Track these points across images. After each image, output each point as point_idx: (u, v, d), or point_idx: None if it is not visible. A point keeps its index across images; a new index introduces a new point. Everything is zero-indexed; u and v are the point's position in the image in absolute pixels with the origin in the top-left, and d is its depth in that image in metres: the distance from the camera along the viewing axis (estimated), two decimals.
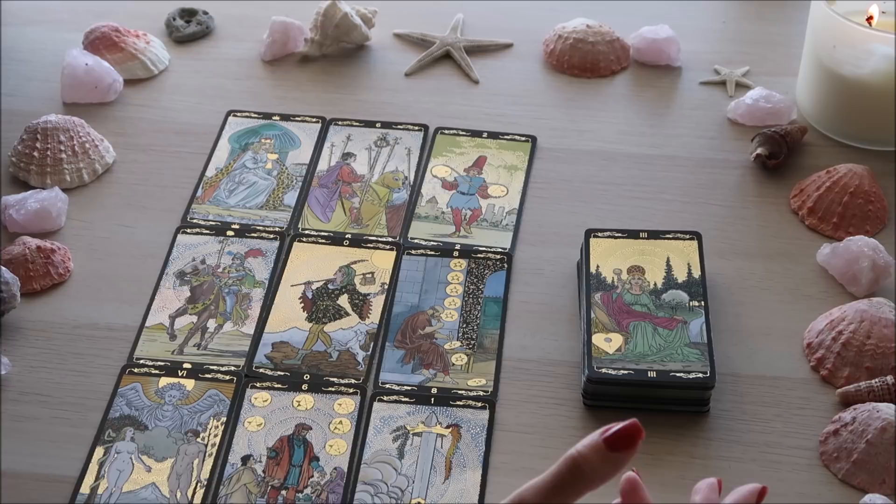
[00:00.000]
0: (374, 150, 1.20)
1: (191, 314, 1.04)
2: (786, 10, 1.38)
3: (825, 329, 1.01)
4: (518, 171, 1.18)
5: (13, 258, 1.06)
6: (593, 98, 1.27)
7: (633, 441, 0.65)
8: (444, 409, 0.97)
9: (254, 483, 0.92)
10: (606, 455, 0.65)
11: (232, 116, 1.24)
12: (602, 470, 0.65)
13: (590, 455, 0.65)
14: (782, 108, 1.22)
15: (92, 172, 1.17)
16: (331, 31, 1.30)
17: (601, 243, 1.05)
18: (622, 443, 0.65)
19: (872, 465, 0.91)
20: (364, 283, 1.07)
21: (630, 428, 0.65)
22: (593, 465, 0.65)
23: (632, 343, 0.97)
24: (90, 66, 1.24)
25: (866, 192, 1.12)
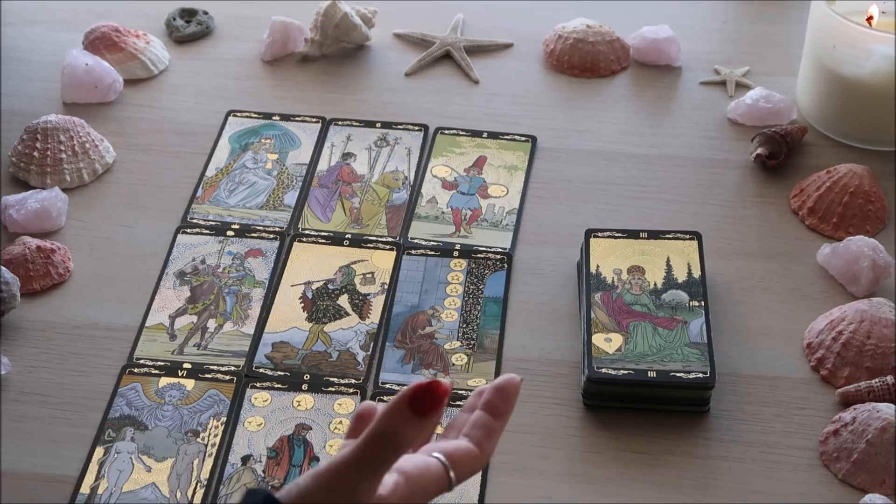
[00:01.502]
0: (374, 150, 1.20)
1: (191, 314, 1.04)
2: (786, 10, 1.38)
3: (825, 329, 1.00)
4: (518, 171, 1.18)
5: (13, 258, 1.06)
6: (593, 98, 1.27)
7: (437, 401, 0.66)
8: None
9: (254, 483, 0.92)
10: (414, 419, 0.66)
11: (232, 116, 1.24)
12: (411, 434, 0.66)
13: (398, 426, 0.66)
14: (782, 108, 1.22)
15: (92, 172, 1.17)
16: (331, 31, 1.30)
17: (601, 243, 1.05)
18: (427, 404, 0.66)
19: (872, 465, 0.91)
20: (364, 283, 1.07)
21: (430, 388, 0.66)
22: (402, 433, 0.66)
23: (632, 343, 0.97)
24: (90, 66, 1.24)
25: (866, 192, 1.12)
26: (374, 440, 0.66)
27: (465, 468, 0.70)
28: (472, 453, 0.71)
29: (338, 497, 0.66)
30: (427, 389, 0.66)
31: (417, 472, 0.68)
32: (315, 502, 0.65)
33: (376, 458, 0.66)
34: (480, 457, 0.71)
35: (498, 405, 0.72)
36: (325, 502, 0.65)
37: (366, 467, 0.66)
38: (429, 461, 0.69)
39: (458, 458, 0.70)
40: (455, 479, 0.69)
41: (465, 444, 0.71)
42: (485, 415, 0.72)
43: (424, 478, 0.69)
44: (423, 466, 0.69)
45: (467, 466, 0.70)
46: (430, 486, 0.69)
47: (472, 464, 0.70)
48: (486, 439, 0.71)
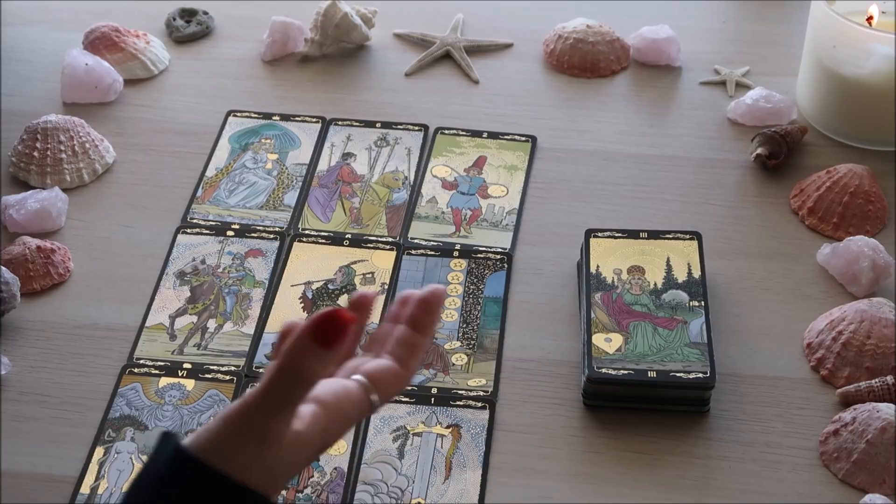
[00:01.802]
0: (374, 150, 1.20)
1: (191, 314, 1.04)
2: (786, 10, 1.38)
3: (825, 329, 1.00)
4: (518, 171, 1.18)
5: (13, 258, 1.06)
6: (593, 98, 1.27)
7: (340, 329, 0.63)
8: (444, 409, 0.97)
9: None
10: (319, 350, 0.63)
11: (232, 116, 1.24)
12: (317, 366, 0.64)
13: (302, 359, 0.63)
14: (782, 108, 1.22)
15: (92, 172, 1.17)
16: (331, 31, 1.30)
17: (601, 243, 1.05)
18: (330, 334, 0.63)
19: (872, 465, 0.91)
20: (364, 283, 1.07)
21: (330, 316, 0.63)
22: (307, 367, 0.64)
23: (632, 343, 0.97)
24: (90, 66, 1.24)
25: (866, 192, 1.12)
26: (280, 376, 0.64)
27: (387, 388, 0.68)
28: (395, 372, 0.68)
29: (248, 438, 0.63)
30: (329, 318, 0.63)
31: (335, 399, 0.66)
32: (225, 446, 0.63)
33: (283, 394, 0.64)
34: (404, 374, 0.69)
35: (422, 319, 0.70)
36: (236, 445, 0.63)
37: (274, 404, 0.64)
38: (347, 385, 0.67)
39: (379, 378, 0.68)
40: (378, 401, 0.67)
41: (387, 362, 0.69)
42: (408, 330, 0.70)
43: (344, 403, 0.66)
44: (341, 392, 0.66)
45: (390, 386, 0.68)
46: (350, 412, 0.66)
47: (395, 383, 0.68)
48: (410, 356, 0.69)
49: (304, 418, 0.65)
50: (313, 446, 0.66)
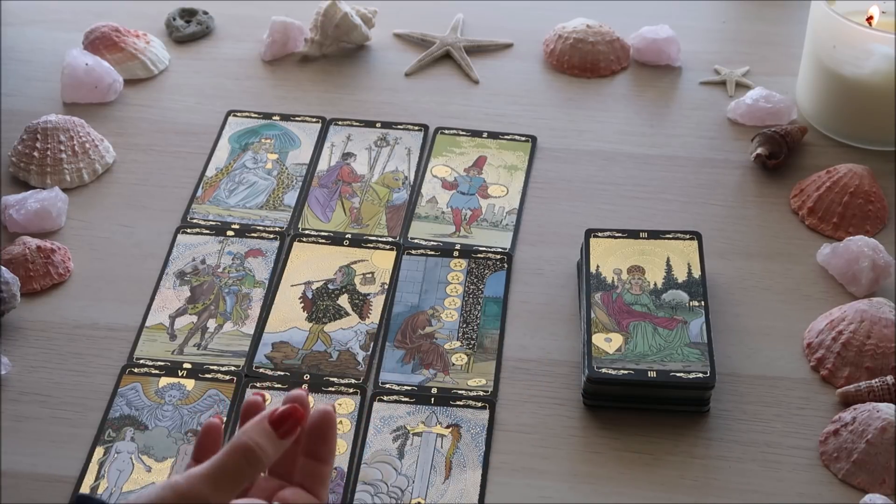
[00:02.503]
0: (374, 150, 1.20)
1: (191, 314, 1.04)
2: (786, 10, 1.38)
3: (825, 329, 1.01)
4: (518, 171, 1.18)
5: (13, 258, 1.06)
6: (593, 98, 1.27)
7: (297, 423, 0.69)
8: (444, 409, 0.97)
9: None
10: (275, 438, 0.68)
11: (232, 116, 1.24)
12: (271, 451, 0.68)
13: (261, 440, 0.68)
14: (782, 108, 1.22)
15: (92, 172, 1.17)
16: (331, 31, 1.30)
17: (601, 243, 1.05)
18: (287, 426, 0.68)
19: (872, 465, 0.91)
20: (364, 283, 1.07)
21: (292, 412, 0.68)
22: (264, 448, 0.68)
23: (632, 343, 0.97)
24: (90, 66, 1.24)
25: (866, 192, 1.12)
26: (236, 450, 0.67)
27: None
28: (312, 501, 0.72)
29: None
30: (292, 413, 0.69)
31: None
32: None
33: (235, 467, 0.67)
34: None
35: (320, 450, 0.72)
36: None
37: (223, 477, 0.67)
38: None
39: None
40: None
41: (302, 493, 0.72)
42: (309, 461, 0.72)
43: None
44: None
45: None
46: None
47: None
48: (320, 486, 0.72)
49: None
50: None
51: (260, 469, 0.68)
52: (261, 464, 0.68)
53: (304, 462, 0.72)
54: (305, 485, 0.72)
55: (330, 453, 0.72)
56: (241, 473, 0.67)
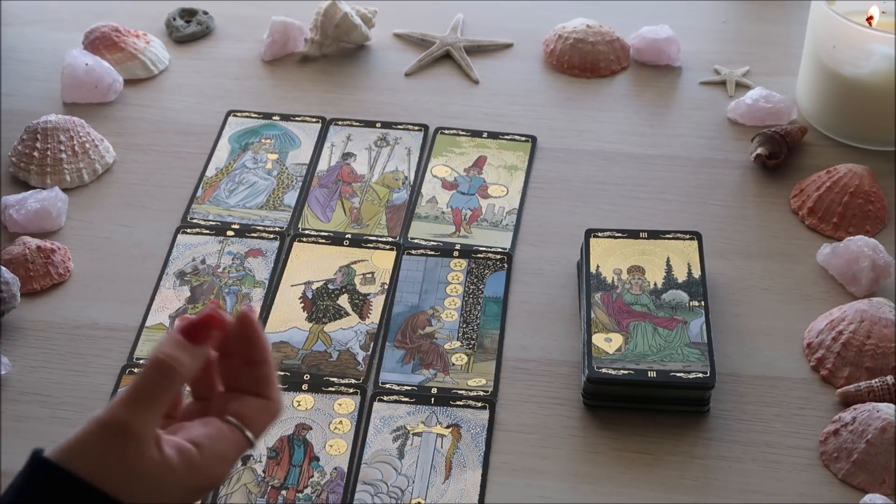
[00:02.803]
0: (374, 150, 1.20)
1: (191, 314, 1.04)
2: (786, 10, 1.38)
3: (825, 329, 1.01)
4: (518, 171, 1.18)
5: (13, 258, 1.06)
6: (593, 98, 1.27)
7: (207, 327, 0.67)
8: (444, 409, 0.97)
9: (254, 483, 0.92)
10: (189, 347, 0.67)
11: (232, 116, 1.24)
12: (187, 361, 0.67)
13: (173, 352, 0.66)
14: (782, 108, 1.22)
15: (92, 172, 1.17)
16: (331, 31, 1.30)
17: (601, 243, 1.05)
18: (198, 332, 0.67)
19: (872, 465, 0.91)
20: (364, 283, 1.07)
21: (200, 318, 0.67)
22: (177, 359, 0.66)
23: (632, 343, 0.97)
24: (90, 66, 1.24)
25: (866, 192, 1.12)
26: (148, 367, 0.66)
27: (258, 422, 0.70)
28: (261, 405, 0.70)
29: (111, 432, 0.65)
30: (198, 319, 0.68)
31: (209, 440, 0.68)
32: (88, 446, 0.64)
33: (150, 384, 0.66)
34: (270, 405, 0.70)
35: (252, 354, 0.71)
36: (99, 442, 0.65)
37: (139, 395, 0.66)
38: (220, 426, 0.69)
39: (248, 415, 0.70)
40: (253, 437, 0.69)
41: (251, 399, 0.70)
42: (248, 368, 0.71)
43: (218, 442, 0.68)
44: (215, 433, 0.68)
45: (261, 419, 0.70)
46: (227, 450, 0.68)
47: (266, 415, 0.70)
48: (267, 387, 0.71)
49: (178, 448, 0.67)
50: (188, 482, 0.67)
51: (178, 381, 0.67)
52: (177, 375, 0.66)
53: (244, 370, 0.71)
54: (253, 391, 0.71)
55: (262, 353, 0.71)
56: (158, 389, 0.66)
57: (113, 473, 0.64)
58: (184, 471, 0.66)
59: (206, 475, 0.67)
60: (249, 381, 0.71)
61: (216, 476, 0.68)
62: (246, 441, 0.69)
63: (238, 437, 0.69)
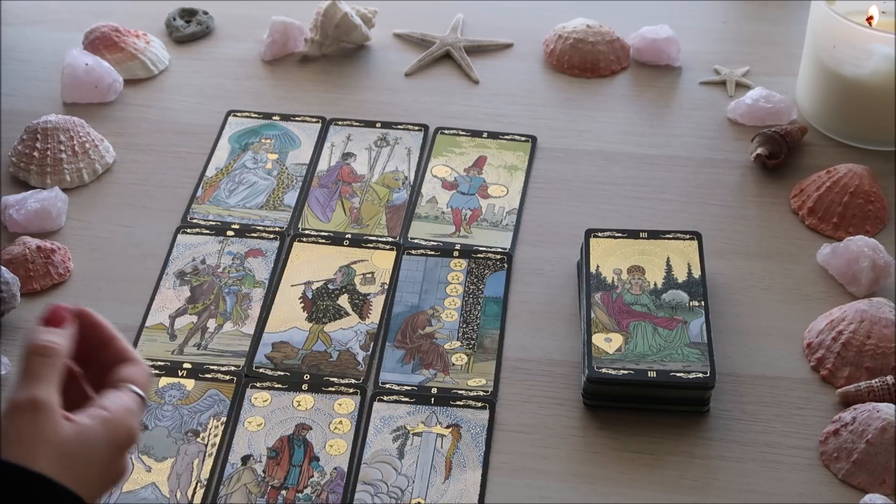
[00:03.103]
0: (374, 150, 1.20)
1: (191, 314, 1.04)
2: (786, 10, 1.38)
3: (825, 329, 1.00)
4: (518, 171, 1.18)
5: (13, 258, 1.05)
6: (593, 98, 1.27)
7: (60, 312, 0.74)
8: (444, 409, 0.97)
9: (254, 483, 0.92)
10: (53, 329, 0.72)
11: (232, 116, 1.24)
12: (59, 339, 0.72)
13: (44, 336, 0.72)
14: (782, 108, 1.22)
15: (92, 172, 1.17)
16: (331, 31, 1.30)
17: (601, 243, 1.05)
18: (55, 318, 0.73)
19: (872, 465, 0.91)
20: (364, 283, 1.07)
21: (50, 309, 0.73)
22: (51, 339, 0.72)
23: (632, 343, 0.97)
24: (90, 66, 1.24)
25: (866, 192, 1.12)
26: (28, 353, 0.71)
27: (139, 380, 0.74)
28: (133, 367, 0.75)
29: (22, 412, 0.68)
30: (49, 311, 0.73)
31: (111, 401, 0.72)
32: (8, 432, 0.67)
33: (37, 364, 0.70)
34: (140, 364, 0.75)
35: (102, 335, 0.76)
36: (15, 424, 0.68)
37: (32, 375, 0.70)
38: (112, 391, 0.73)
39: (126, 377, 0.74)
40: (146, 396, 0.74)
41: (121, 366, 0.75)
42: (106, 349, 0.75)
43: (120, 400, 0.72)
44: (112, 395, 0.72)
45: (139, 377, 0.75)
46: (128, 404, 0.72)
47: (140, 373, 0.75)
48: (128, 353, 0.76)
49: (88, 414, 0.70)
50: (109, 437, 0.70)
51: (57, 356, 0.71)
52: (54, 350, 0.71)
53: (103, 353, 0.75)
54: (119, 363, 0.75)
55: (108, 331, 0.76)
56: (44, 366, 0.70)
57: (38, 450, 0.67)
58: (101, 428, 0.70)
59: (123, 428, 0.71)
60: (112, 358, 0.75)
61: (131, 428, 0.72)
62: (137, 395, 0.73)
63: (130, 395, 0.73)
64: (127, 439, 0.71)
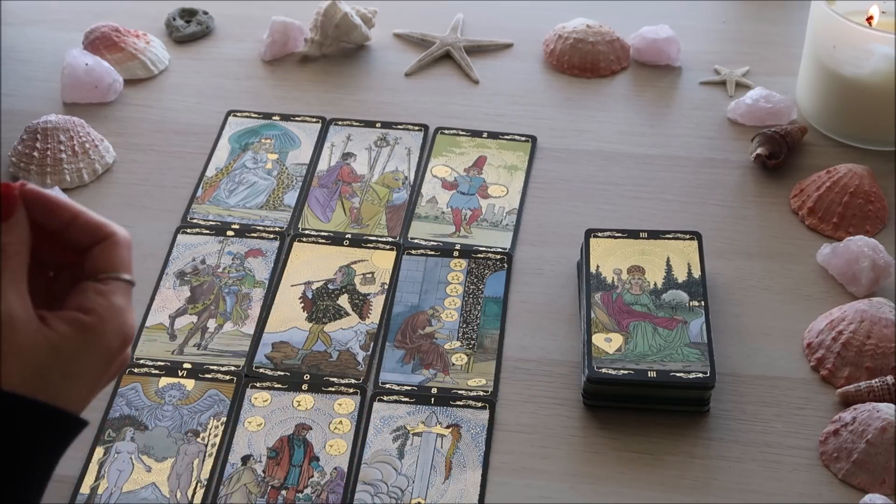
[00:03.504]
0: (374, 150, 1.20)
1: (191, 314, 1.04)
2: (786, 10, 1.38)
3: (825, 329, 1.00)
4: (518, 171, 1.18)
5: None
6: (593, 98, 1.27)
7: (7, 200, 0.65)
8: (444, 409, 0.97)
9: (254, 483, 0.92)
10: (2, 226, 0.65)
11: (232, 116, 1.24)
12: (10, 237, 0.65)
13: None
14: (782, 108, 1.22)
15: (92, 172, 1.17)
16: (331, 31, 1.30)
17: (601, 243, 1.05)
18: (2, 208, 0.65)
19: (872, 465, 0.91)
20: (364, 283, 1.07)
21: None
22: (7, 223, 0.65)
23: (632, 343, 0.97)
24: (90, 66, 1.24)
25: (866, 192, 1.12)
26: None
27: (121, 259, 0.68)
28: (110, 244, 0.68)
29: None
30: None
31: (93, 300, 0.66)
32: None
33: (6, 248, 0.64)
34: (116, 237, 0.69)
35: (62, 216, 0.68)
36: None
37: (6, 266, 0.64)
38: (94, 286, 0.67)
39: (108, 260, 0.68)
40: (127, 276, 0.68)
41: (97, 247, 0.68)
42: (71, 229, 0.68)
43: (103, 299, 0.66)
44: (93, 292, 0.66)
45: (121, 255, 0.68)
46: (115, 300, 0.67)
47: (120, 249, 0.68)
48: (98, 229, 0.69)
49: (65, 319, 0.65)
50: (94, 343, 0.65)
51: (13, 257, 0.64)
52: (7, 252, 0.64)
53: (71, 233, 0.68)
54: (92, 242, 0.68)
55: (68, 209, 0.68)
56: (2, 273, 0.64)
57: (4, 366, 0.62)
58: (82, 337, 0.65)
59: (111, 332, 0.66)
60: (81, 237, 0.68)
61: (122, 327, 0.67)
62: (124, 282, 0.67)
63: (122, 285, 0.67)
64: (120, 342, 0.67)
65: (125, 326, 0.67)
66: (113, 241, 0.68)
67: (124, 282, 0.68)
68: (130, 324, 0.67)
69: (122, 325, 0.66)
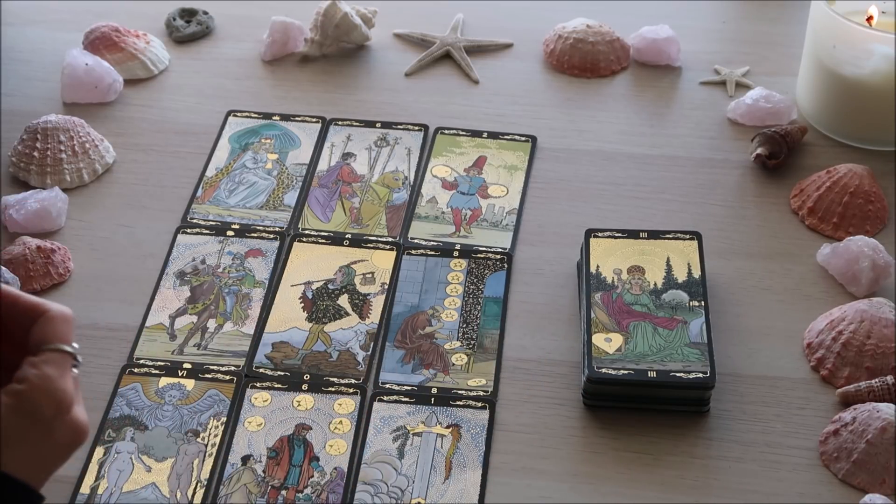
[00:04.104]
0: (374, 150, 1.20)
1: (191, 314, 1.04)
2: (786, 10, 1.38)
3: (825, 329, 1.00)
4: (518, 171, 1.18)
5: (13, 258, 1.06)
6: (593, 98, 1.27)
7: None
8: (444, 409, 0.97)
9: (254, 483, 0.92)
10: None
11: (232, 116, 1.24)
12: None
13: None
14: (782, 108, 1.22)
15: (92, 172, 1.17)
16: (331, 31, 1.30)
17: (601, 243, 1.05)
18: None
19: (872, 465, 0.91)
20: (364, 283, 1.07)
21: None
22: None
23: (632, 343, 0.97)
24: (90, 66, 1.24)
25: (866, 192, 1.12)
26: None
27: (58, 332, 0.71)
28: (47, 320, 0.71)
29: None
30: None
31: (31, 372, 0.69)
32: None
33: None
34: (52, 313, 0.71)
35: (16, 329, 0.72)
36: None
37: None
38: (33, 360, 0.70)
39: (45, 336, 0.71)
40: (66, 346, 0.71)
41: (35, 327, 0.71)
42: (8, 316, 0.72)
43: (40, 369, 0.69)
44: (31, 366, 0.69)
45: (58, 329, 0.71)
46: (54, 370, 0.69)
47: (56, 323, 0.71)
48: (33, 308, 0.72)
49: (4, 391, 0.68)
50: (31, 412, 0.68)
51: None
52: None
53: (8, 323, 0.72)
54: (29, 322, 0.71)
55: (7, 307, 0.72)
56: None
57: None
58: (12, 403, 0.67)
59: (44, 398, 0.68)
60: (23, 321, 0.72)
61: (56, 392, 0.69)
62: (59, 353, 0.70)
63: (55, 355, 0.70)
64: (55, 407, 0.69)
65: (57, 392, 0.69)
66: (47, 317, 0.71)
67: (59, 352, 0.70)
68: (63, 389, 0.70)
69: (55, 392, 0.69)
